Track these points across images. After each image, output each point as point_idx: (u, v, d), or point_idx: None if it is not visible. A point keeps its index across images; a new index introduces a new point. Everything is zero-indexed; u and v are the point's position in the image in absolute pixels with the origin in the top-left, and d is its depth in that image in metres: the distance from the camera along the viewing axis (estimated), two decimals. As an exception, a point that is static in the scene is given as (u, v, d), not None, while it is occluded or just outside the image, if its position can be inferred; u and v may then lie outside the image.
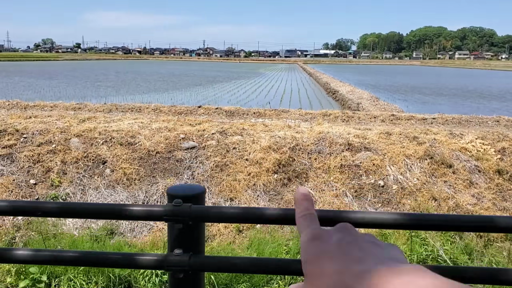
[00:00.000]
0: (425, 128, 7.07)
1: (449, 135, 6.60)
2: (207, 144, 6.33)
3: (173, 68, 59.17)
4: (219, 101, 17.51)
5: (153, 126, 6.89)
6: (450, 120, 7.98)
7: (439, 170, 5.81)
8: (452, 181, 5.66)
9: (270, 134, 6.59)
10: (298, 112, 8.61)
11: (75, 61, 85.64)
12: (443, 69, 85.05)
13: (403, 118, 8.13)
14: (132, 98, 17.69)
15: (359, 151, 6.22)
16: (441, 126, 7.70)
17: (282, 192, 5.62)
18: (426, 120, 7.99)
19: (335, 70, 64.76)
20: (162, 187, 5.75)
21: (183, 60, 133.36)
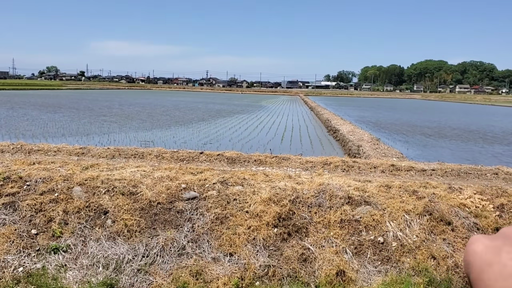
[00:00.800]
0: (424, 181, 7.13)
1: (448, 189, 6.65)
2: (208, 195, 6.38)
3: (178, 100, 59.72)
4: (221, 139, 17.67)
5: (155, 174, 6.96)
6: (449, 172, 8.04)
7: (438, 227, 5.83)
8: (451, 239, 5.68)
9: (270, 185, 6.65)
10: (298, 160, 8.69)
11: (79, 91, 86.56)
12: (444, 104, 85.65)
13: (403, 169, 8.20)
14: (135, 135, 17.88)
15: (359, 205, 6.26)
16: (440, 178, 7.75)
17: (281, 248, 5.64)
18: (426, 172, 8.05)
19: (336, 103, 65.31)
20: (162, 240, 5.78)
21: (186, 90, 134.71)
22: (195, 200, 6.33)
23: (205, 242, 5.74)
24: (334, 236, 5.77)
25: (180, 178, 6.80)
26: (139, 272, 5.42)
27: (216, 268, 5.40)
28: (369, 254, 5.57)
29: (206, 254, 5.61)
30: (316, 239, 5.75)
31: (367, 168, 8.32)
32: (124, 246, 5.74)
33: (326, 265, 5.38)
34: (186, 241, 5.77)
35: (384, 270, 5.37)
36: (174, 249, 5.68)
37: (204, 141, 16.76)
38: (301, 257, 5.51)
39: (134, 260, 5.55)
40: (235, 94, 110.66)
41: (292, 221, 5.98)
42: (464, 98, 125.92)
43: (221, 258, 5.54)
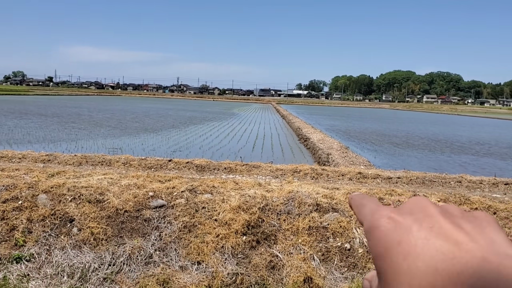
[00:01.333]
0: (390, 189, 7.28)
1: (413, 196, 6.80)
2: (176, 203, 6.34)
3: (147, 107, 59.12)
4: (191, 147, 17.56)
5: (122, 182, 6.87)
6: (414, 180, 8.24)
7: (403, 233, 5.96)
8: (416, 246, 5.81)
9: (240, 193, 6.66)
10: (269, 167, 8.74)
11: (46, 97, 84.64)
12: (412, 113, 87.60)
13: (369, 176, 8.35)
14: (103, 143, 17.59)
15: (327, 212, 6.34)
16: (406, 186, 7.94)
17: (250, 256, 5.65)
18: (391, 180, 8.22)
19: (308, 112, 65.94)
20: (129, 249, 5.71)
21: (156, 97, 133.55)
22: (163, 208, 6.28)
23: (172, 251, 5.70)
24: (302, 243, 5.82)
25: (148, 186, 6.74)
26: (105, 280, 5.34)
27: (184, 276, 5.37)
28: (336, 261, 5.64)
29: (173, 263, 5.57)
30: (285, 246, 5.79)
31: (335, 175, 8.44)
32: (90, 254, 5.64)
33: (294, 272, 5.41)
34: (153, 250, 5.71)
35: (351, 276, 5.45)
36: (141, 257, 5.62)
37: (173, 149, 16.62)
38: (269, 264, 5.53)
39: (100, 269, 5.46)
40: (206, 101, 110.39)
41: (261, 228, 6.00)
42: (431, 108, 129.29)
43: (188, 266, 5.51)
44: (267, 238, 5.89)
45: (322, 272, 5.49)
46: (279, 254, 5.66)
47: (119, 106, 55.72)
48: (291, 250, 5.74)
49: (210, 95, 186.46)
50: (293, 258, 5.62)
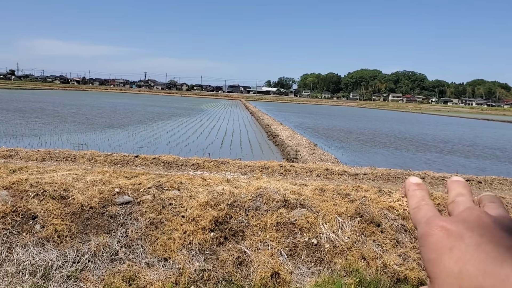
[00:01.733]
0: (356, 185, 7.40)
1: (378, 192, 6.94)
2: (143, 199, 6.26)
3: (114, 102, 58.06)
4: (158, 142, 17.35)
5: (87, 178, 6.73)
6: (379, 176, 8.40)
7: (369, 229, 6.07)
8: (380, 240, 5.93)
9: (208, 189, 6.63)
10: (237, 164, 8.73)
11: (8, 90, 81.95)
12: (378, 111, 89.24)
13: (336, 173, 8.46)
14: (68, 138, 17.16)
15: (295, 207, 6.39)
16: (371, 182, 8.08)
17: (217, 252, 5.63)
18: (358, 176, 8.36)
19: (277, 109, 66.23)
20: (94, 246, 5.60)
21: (123, 92, 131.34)
22: (129, 204, 6.19)
23: (139, 247, 5.63)
24: (270, 239, 5.85)
25: (114, 182, 6.62)
26: (69, 278, 5.22)
27: (150, 273, 5.31)
28: (303, 256, 5.69)
29: (140, 260, 5.50)
30: (252, 242, 5.80)
31: (303, 172, 8.51)
32: (53, 252, 5.50)
33: (262, 267, 5.44)
34: (119, 246, 5.62)
35: (317, 271, 5.51)
36: (106, 254, 5.52)
37: (140, 145, 16.39)
38: (237, 260, 5.53)
39: (64, 266, 5.34)
40: (174, 97, 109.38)
41: (229, 225, 5.99)
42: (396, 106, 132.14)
43: (155, 263, 5.45)
44: (235, 234, 5.89)
45: (289, 267, 5.53)
46: (246, 250, 5.67)
47: (85, 101, 54.54)
48: (259, 246, 5.76)
49: (178, 90, 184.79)
50: (260, 253, 5.64)
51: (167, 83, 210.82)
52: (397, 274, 5.44)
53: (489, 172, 12.48)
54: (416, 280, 5.36)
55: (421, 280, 5.39)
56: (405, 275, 5.42)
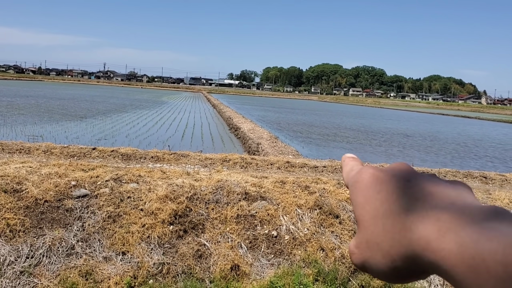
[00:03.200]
0: (316, 177, 7.50)
1: (337, 184, 7.05)
2: (100, 193, 6.12)
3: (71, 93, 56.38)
4: (117, 135, 17.00)
5: (42, 171, 6.52)
6: (339, 169, 8.53)
7: (327, 220, 6.16)
8: (339, 231, 6.03)
9: (167, 182, 6.55)
10: (198, 156, 8.66)
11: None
12: (339, 106, 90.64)
13: (297, 165, 8.54)
14: (22, 130, 16.55)
15: (255, 200, 6.41)
16: (331, 174, 8.21)
17: (177, 245, 5.59)
18: (317, 168, 8.47)
19: (239, 102, 66.17)
20: (49, 240, 5.43)
21: (81, 83, 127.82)
22: (86, 198, 6.04)
23: (96, 241, 5.50)
24: (230, 232, 5.84)
25: (70, 175, 6.44)
26: (22, 274, 5.05)
27: (108, 267, 5.21)
28: (263, 248, 5.72)
29: (97, 254, 5.38)
30: (212, 235, 5.78)
31: (264, 164, 8.54)
32: (5, 247, 5.29)
33: (221, 260, 5.43)
34: (76, 241, 5.48)
35: (277, 262, 5.55)
36: (62, 249, 5.37)
37: (98, 137, 16.01)
38: (197, 253, 5.50)
39: (16, 262, 5.15)
40: (134, 89, 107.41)
41: (189, 218, 5.95)
42: (356, 101, 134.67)
43: (113, 257, 5.35)
44: (194, 227, 5.86)
45: (249, 260, 5.55)
46: (206, 243, 5.65)
47: (41, 92, 52.72)
48: (219, 238, 5.75)
49: (139, 82, 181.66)
50: (220, 246, 5.63)
51: (127, 75, 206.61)
52: (354, 264, 5.55)
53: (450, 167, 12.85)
54: (372, 270, 5.49)
55: (378, 270, 5.52)
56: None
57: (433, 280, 5.58)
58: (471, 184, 8.44)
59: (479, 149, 22.61)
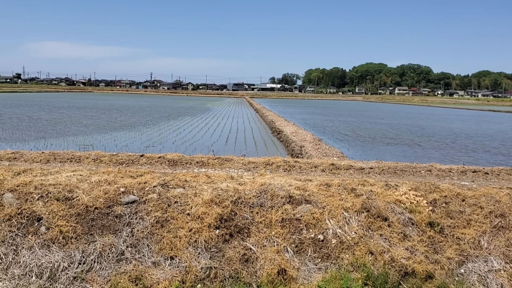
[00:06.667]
0: (362, 179, 7.33)
1: (384, 186, 6.87)
2: (148, 198, 6.24)
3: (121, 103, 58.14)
4: (164, 142, 17.36)
5: (92, 179, 6.72)
6: (386, 170, 8.33)
7: (375, 223, 6.01)
8: (388, 234, 5.87)
9: (212, 186, 6.60)
10: (241, 160, 8.69)
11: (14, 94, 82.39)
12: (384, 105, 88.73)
13: (342, 167, 8.40)
14: (73, 140, 17.20)
15: (300, 203, 6.34)
16: (378, 176, 8.01)
17: (223, 249, 5.61)
18: (364, 170, 8.29)
19: (281, 105, 66.13)
20: (100, 246, 5.59)
21: (129, 93, 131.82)
22: (135, 204, 6.17)
23: (145, 247, 5.61)
24: (276, 236, 5.81)
25: (119, 182, 6.61)
26: (75, 280, 5.22)
27: (157, 272, 5.30)
28: (310, 252, 5.65)
29: (146, 259, 5.48)
30: (258, 239, 5.77)
31: (308, 167, 8.46)
32: (59, 253, 5.49)
33: (268, 264, 5.40)
34: (125, 246, 5.61)
35: (324, 267, 5.47)
36: (112, 254, 5.51)
37: (146, 144, 16.42)
38: (243, 257, 5.50)
39: (70, 268, 5.33)
40: (180, 97, 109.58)
41: (234, 221, 5.96)
42: (402, 100, 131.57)
43: (161, 262, 5.44)
44: (240, 231, 5.86)
45: (296, 264, 5.49)
46: (252, 247, 5.64)
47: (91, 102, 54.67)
48: (264, 242, 5.72)
49: (184, 90, 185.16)
50: (266, 250, 5.60)
51: (173, 83, 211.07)
52: (404, 268, 5.38)
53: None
54: (424, 273, 5.31)
55: (429, 273, 5.33)
56: (412, 268, 5.37)
57: (490, 284, 5.32)
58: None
59: None
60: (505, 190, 6.82)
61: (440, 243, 5.88)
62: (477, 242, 5.85)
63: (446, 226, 6.08)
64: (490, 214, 6.19)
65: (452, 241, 5.89)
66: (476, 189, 6.88)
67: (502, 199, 6.47)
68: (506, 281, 5.30)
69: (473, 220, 6.12)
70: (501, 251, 5.68)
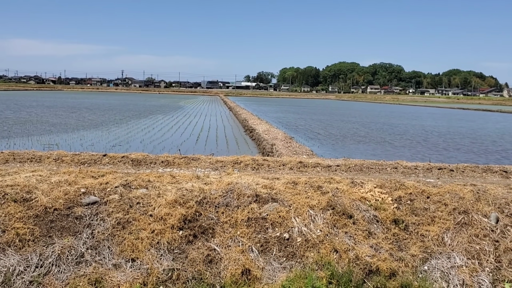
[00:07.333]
0: (329, 177, 7.32)
1: (350, 183, 6.87)
2: (110, 199, 6.07)
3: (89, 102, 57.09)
4: (132, 141, 17.05)
5: (52, 179, 6.50)
6: (352, 167, 8.35)
7: (341, 220, 5.99)
8: (353, 232, 5.86)
9: (177, 187, 6.47)
10: (209, 160, 8.57)
11: (-20, 92, 79.92)
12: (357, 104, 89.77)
13: (310, 165, 8.38)
14: (38, 139, 16.72)
15: (267, 202, 6.27)
16: (344, 173, 8.02)
17: (187, 250, 5.49)
18: (331, 168, 8.29)
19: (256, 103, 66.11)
20: (58, 249, 5.39)
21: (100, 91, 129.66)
22: (95, 205, 5.99)
23: (105, 249, 5.45)
24: (241, 235, 5.73)
25: (80, 182, 6.41)
26: (32, 284, 5.02)
27: (117, 274, 5.14)
28: (275, 251, 5.59)
29: (106, 261, 5.32)
30: (223, 239, 5.67)
31: (276, 165, 8.41)
32: (15, 257, 5.27)
33: (232, 265, 5.32)
34: (85, 248, 5.44)
35: (289, 266, 5.41)
36: (71, 257, 5.33)
37: (113, 143, 16.08)
38: (207, 258, 5.40)
39: (26, 272, 5.13)
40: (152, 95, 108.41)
41: (199, 222, 5.85)
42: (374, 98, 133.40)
43: (122, 264, 5.29)
44: (204, 232, 5.76)
45: (260, 264, 5.42)
46: (216, 248, 5.55)
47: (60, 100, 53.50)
48: (229, 242, 5.64)
49: (156, 88, 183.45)
50: (231, 250, 5.52)
51: (145, 81, 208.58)
52: (369, 266, 5.38)
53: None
54: (388, 271, 5.31)
55: (393, 271, 5.34)
56: (377, 266, 5.36)
57: (452, 280, 5.37)
58: (490, 179, 8.16)
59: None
60: (468, 187, 6.91)
61: (405, 240, 5.91)
62: (440, 239, 5.90)
63: (410, 223, 6.12)
64: (454, 210, 6.25)
65: (417, 238, 5.93)
66: (441, 186, 6.95)
67: (465, 196, 6.55)
68: (468, 277, 5.35)
69: (437, 217, 6.17)
70: (463, 247, 5.74)
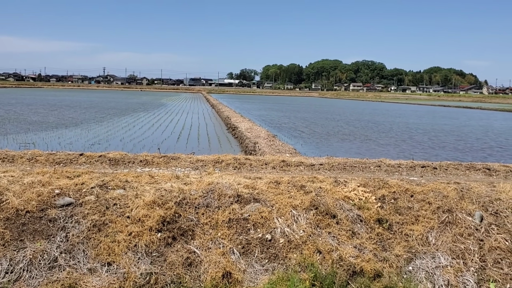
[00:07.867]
0: (312, 176, 7.19)
1: (334, 183, 6.75)
2: (85, 200, 5.84)
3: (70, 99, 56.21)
4: (111, 139, 16.71)
5: (25, 180, 6.24)
6: (336, 166, 8.24)
7: (324, 220, 5.87)
8: (336, 232, 5.73)
9: (155, 187, 6.26)
10: (189, 159, 8.37)
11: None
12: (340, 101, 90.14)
13: (293, 164, 8.24)
14: (15, 138, 16.26)
15: (248, 202, 6.11)
16: (328, 172, 7.90)
17: (165, 253, 5.30)
18: (314, 166, 8.17)
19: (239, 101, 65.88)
20: (30, 253, 5.15)
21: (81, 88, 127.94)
22: (70, 206, 5.75)
23: (80, 252, 5.22)
24: (222, 237, 5.56)
25: (54, 183, 6.16)
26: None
27: (92, 279, 4.93)
28: (257, 253, 5.43)
29: (81, 265, 5.10)
30: (203, 242, 5.50)
31: (259, 164, 8.25)
32: (-17, 263, 5.02)
33: (212, 267, 5.15)
34: (59, 252, 5.20)
35: (271, 268, 5.27)
36: (44, 262, 5.09)
37: (92, 142, 15.73)
38: (186, 261, 5.22)
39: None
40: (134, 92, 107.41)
41: (178, 224, 5.66)
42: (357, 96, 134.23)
43: (98, 268, 5.07)
44: (184, 234, 5.57)
45: (242, 266, 5.26)
46: (196, 250, 5.37)
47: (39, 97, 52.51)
48: (209, 245, 5.46)
49: (138, 85, 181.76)
50: (211, 253, 5.34)
51: (127, 78, 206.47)
52: (352, 267, 5.25)
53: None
54: (372, 272, 5.19)
55: (378, 272, 5.23)
56: (361, 267, 5.24)
57: (437, 280, 5.29)
58: (473, 177, 8.13)
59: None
60: (452, 185, 6.85)
61: (389, 240, 5.80)
62: (425, 238, 5.82)
63: (394, 222, 6.02)
64: (438, 209, 6.18)
65: (401, 238, 5.83)
66: (424, 185, 6.87)
67: (449, 194, 6.48)
68: (453, 277, 5.27)
69: (421, 216, 6.09)
70: (448, 246, 5.66)
